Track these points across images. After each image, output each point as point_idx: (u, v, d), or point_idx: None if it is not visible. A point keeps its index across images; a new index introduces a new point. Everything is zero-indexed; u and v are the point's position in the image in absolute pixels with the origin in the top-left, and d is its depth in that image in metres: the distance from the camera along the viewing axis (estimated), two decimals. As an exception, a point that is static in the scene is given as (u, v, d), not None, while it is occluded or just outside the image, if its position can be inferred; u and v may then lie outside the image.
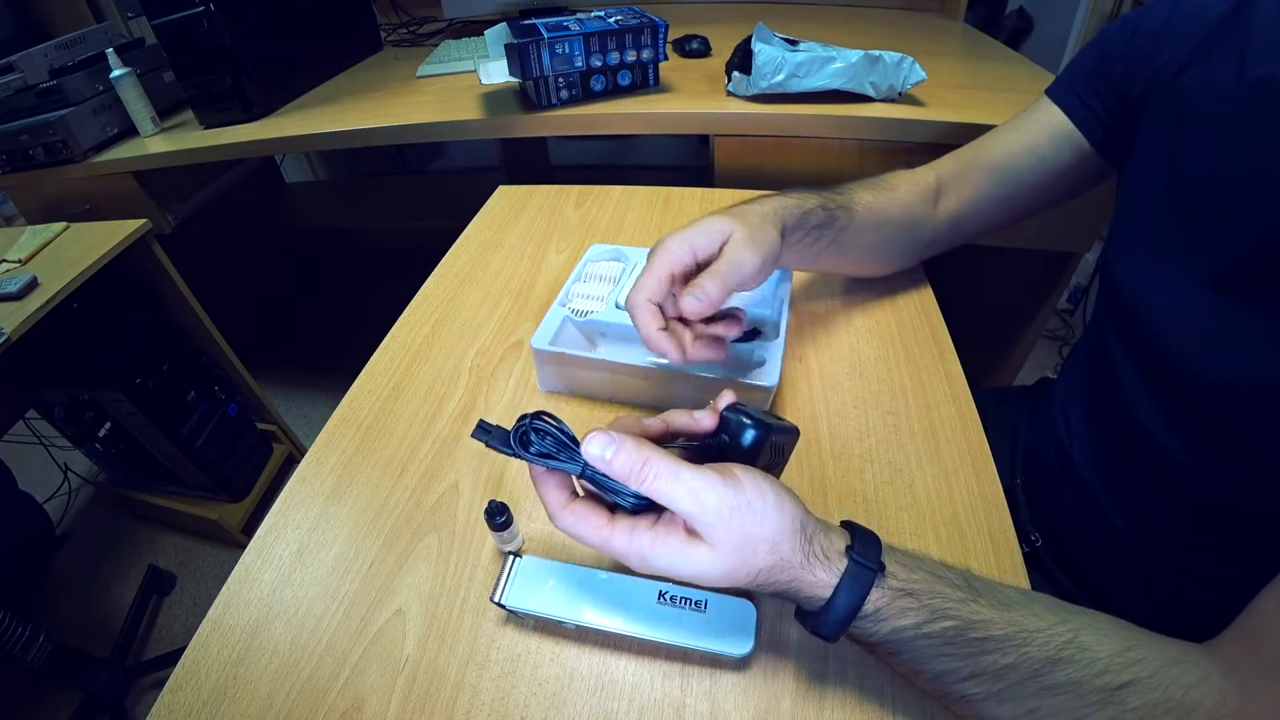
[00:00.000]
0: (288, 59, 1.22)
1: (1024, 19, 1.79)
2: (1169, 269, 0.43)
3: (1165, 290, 0.43)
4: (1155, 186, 0.45)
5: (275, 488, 1.47)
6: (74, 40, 1.24)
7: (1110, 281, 0.49)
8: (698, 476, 0.30)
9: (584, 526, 0.32)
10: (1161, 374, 0.45)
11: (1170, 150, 0.44)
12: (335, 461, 0.52)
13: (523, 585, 0.39)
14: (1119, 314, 0.48)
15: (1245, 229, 0.38)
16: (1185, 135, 0.43)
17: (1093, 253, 1.69)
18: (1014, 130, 0.56)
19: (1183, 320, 0.42)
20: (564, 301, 0.58)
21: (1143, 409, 0.46)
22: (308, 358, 1.94)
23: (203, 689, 0.39)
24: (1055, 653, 0.30)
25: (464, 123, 1.02)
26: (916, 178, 0.59)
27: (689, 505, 0.29)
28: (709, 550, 0.30)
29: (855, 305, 0.63)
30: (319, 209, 2.18)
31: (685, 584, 0.37)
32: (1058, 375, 0.63)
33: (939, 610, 0.31)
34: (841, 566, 0.31)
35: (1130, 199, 0.48)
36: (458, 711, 0.37)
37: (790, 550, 0.30)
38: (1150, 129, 0.46)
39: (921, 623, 0.30)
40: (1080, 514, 0.54)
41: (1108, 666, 0.30)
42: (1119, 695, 0.30)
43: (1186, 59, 0.43)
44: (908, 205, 0.57)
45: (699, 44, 1.15)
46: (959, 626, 0.30)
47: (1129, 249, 0.47)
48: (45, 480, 1.54)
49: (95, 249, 1.00)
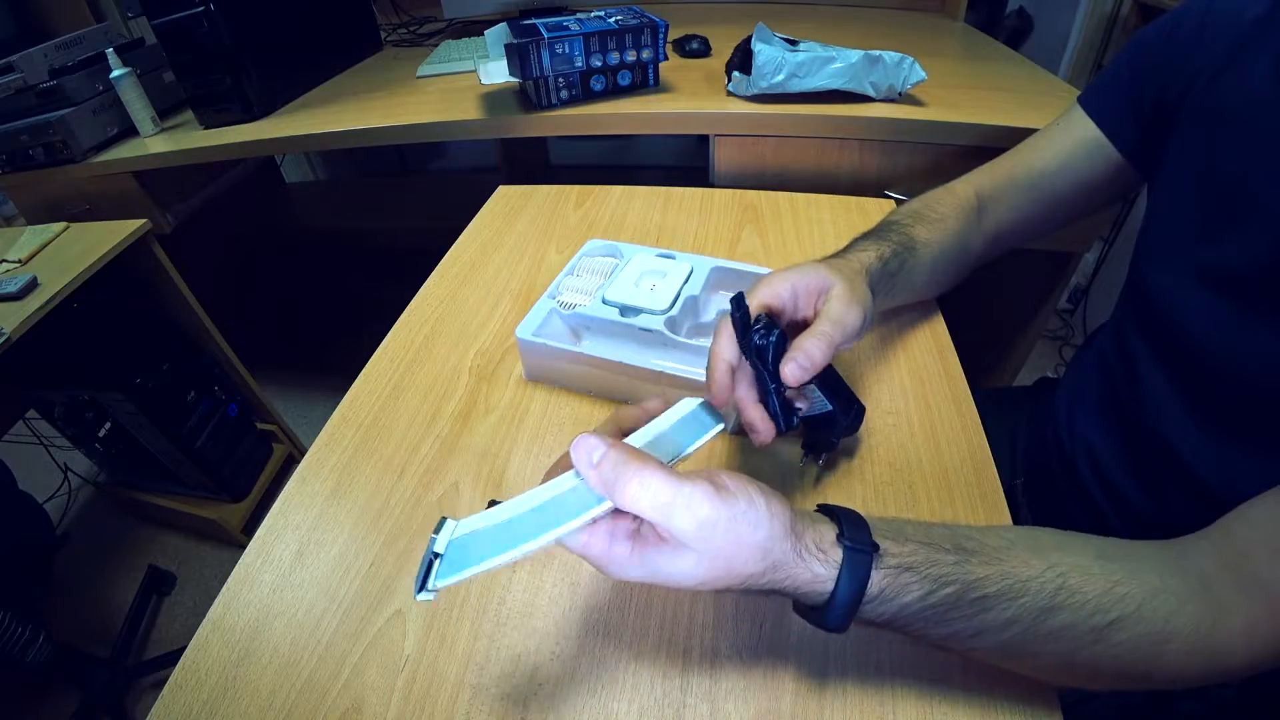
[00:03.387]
0: (288, 59, 1.22)
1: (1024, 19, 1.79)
2: (1199, 272, 0.43)
3: (1198, 295, 0.43)
4: (1189, 191, 0.44)
5: (275, 488, 1.47)
6: (74, 40, 1.24)
7: (1140, 287, 0.49)
8: (689, 489, 0.29)
9: None
10: (1191, 379, 0.44)
11: (1205, 154, 0.43)
12: (335, 461, 0.52)
13: (449, 562, 0.31)
14: (1148, 319, 0.48)
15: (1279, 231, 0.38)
16: (1220, 139, 0.42)
17: (1093, 253, 1.69)
18: (1048, 144, 0.56)
19: (1216, 324, 0.42)
20: (554, 294, 0.58)
21: (1165, 414, 0.46)
22: (308, 358, 1.94)
23: (203, 689, 0.39)
24: (1049, 600, 0.31)
25: (464, 123, 1.02)
26: (960, 200, 0.58)
27: (683, 524, 0.28)
28: (696, 560, 0.29)
29: (855, 305, 0.63)
30: (319, 209, 2.18)
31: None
32: (1062, 377, 0.63)
33: (939, 578, 0.31)
34: (837, 557, 0.31)
35: (1163, 204, 0.48)
36: (458, 711, 0.37)
37: (782, 552, 0.30)
38: (1185, 134, 0.45)
39: (925, 594, 0.31)
40: (1079, 514, 0.54)
41: (1097, 607, 0.31)
42: (1107, 633, 0.31)
43: (1222, 63, 0.42)
44: (960, 234, 0.57)
45: (699, 44, 1.15)
46: (959, 590, 0.31)
47: (1161, 254, 0.47)
48: (45, 480, 1.54)
49: (95, 249, 1.00)
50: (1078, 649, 0.32)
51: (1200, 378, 0.44)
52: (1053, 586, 0.32)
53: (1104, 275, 1.68)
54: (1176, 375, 0.46)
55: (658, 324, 0.52)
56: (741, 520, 0.29)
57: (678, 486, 0.29)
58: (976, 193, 0.59)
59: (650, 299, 0.54)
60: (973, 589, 0.31)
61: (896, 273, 0.51)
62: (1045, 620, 0.31)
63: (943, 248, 0.55)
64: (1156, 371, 0.47)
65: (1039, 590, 0.31)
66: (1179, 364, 0.46)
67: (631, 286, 0.56)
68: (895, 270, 0.51)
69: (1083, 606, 0.31)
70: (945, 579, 0.31)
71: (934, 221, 0.56)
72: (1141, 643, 0.31)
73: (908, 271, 0.52)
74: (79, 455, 1.40)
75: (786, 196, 0.80)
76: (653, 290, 0.55)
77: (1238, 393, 0.41)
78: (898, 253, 0.51)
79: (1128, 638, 0.31)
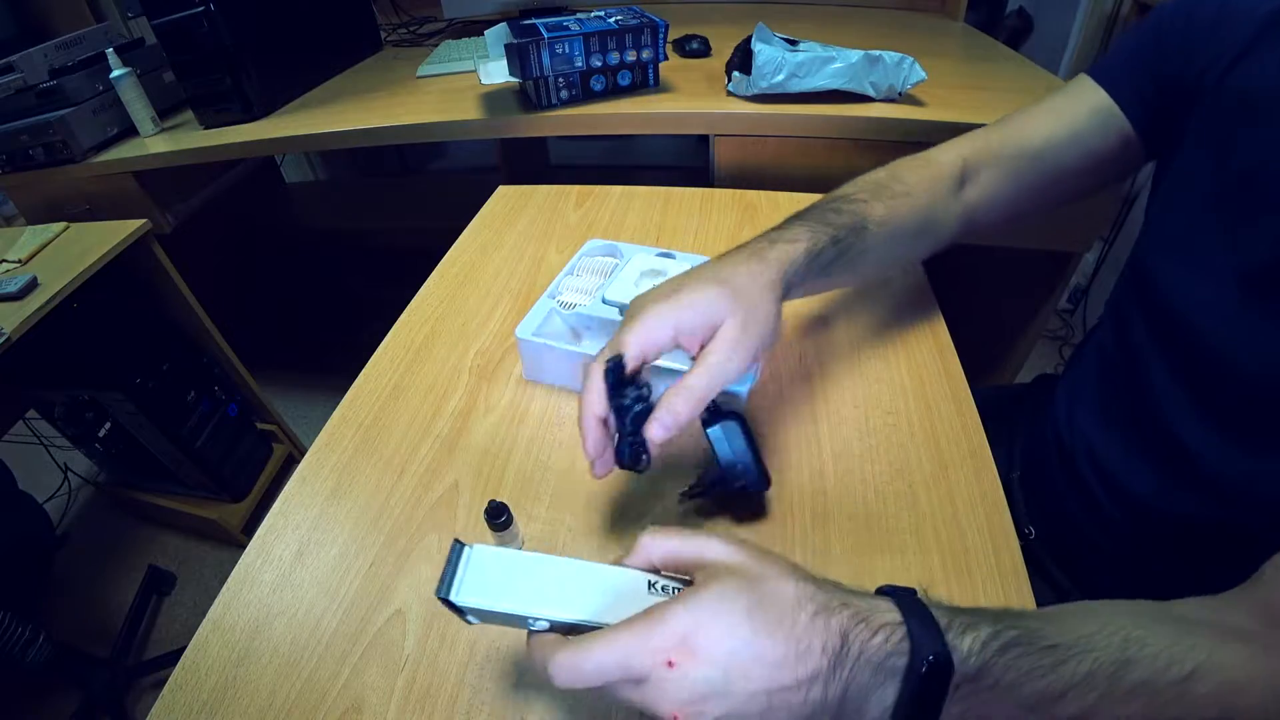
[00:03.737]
0: (288, 59, 1.22)
1: (1024, 19, 1.79)
2: (1210, 265, 0.43)
3: (1205, 286, 0.43)
4: (1202, 181, 0.44)
5: (275, 488, 1.47)
6: (74, 40, 1.24)
7: (1144, 276, 0.48)
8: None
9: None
10: (1196, 370, 0.44)
11: (1219, 145, 0.43)
12: (335, 461, 0.52)
13: (476, 579, 0.31)
14: (1152, 309, 0.48)
15: None
16: (1236, 131, 0.42)
17: (1093, 253, 1.69)
18: (1053, 112, 0.52)
19: (1222, 317, 0.42)
20: (554, 294, 0.58)
21: (1169, 405, 0.46)
22: (308, 358, 1.94)
23: (203, 689, 0.39)
24: (1120, 653, 0.29)
25: (464, 123, 1.02)
26: (934, 169, 0.53)
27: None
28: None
29: (855, 305, 0.63)
30: (319, 209, 2.18)
31: None
32: (1063, 374, 0.63)
33: (999, 617, 0.29)
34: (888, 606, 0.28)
35: (1173, 193, 0.47)
36: (458, 711, 0.37)
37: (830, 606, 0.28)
38: (1199, 122, 0.44)
39: (995, 632, 0.28)
40: (1077, 509, 0.54)
41: (1171, 659, 0.29)
42: (1187, 686, 0.29)
43: (1239, 53, 0.42)
44: (928, 208, 0.51)
45: (699, 44, 1.15)
46: (1025, 635, 0.28)
47: (1169, 244, 0.47)
48: (45, 480, 1.54)
49: (95, 249, 1.00)
50: (1162, 709, 0.29)
51: (1205, 369, 0.43)
52: (1119, 639, 0.29)
53: (1104, 275, 1.68)
54: (1179, 366, 0.46)
55: None
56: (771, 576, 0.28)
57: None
58: (963, 159, 0.53)
59: None
60: (1039, 637, 0.28)
61: (833, 261, 0.45)
62: (1123, 676, 0.28)
63: (903, 225, 0.50)
64: (1159, 363, 0.47)
65: (1106, 643, 0.29)
66: (1182, 355, 0.45)
67: (631, 286, 0.56)
68: (831, 260, 0.45)
69: (1156, 659, 0.29)
70: (1007, 622, 0.28)
71: (896, 196, 0.50)
72: (1224, 692, 0.29)
73: (851, 257, 0.47)
74: (79, 455, 1.40)
75: (786, 196, 0.80)
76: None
77: (1244, 386, 0.41)
78: (838, 239, 0.45)
79: (1210, 690, 0.29)
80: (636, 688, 0.27)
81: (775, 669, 0.26)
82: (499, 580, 0.31)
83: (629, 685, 0.27)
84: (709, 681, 0.26)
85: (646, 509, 0.47)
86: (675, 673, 0.26)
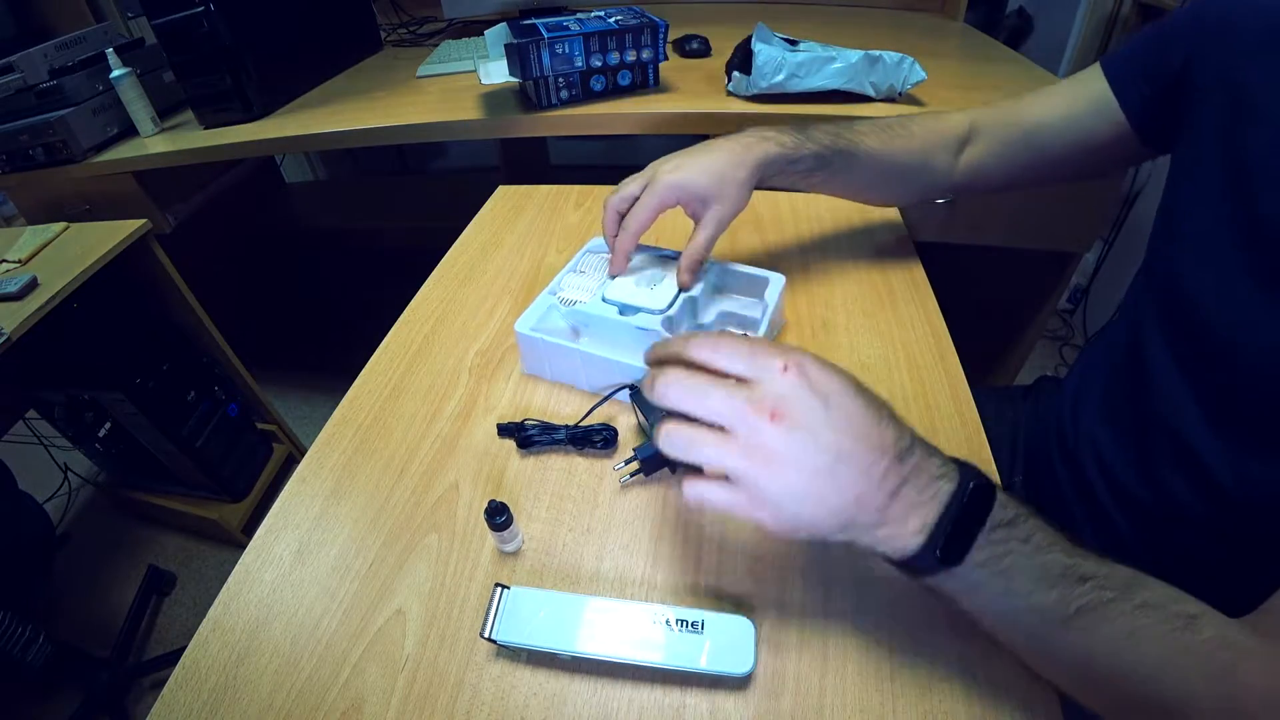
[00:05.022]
0: (288, 59, 1.22)
1: (1024, 19, 1.79)
2: (1224, 261, 0.43)
3: (1218, 282, 0.43)
4: (1213, 178, 0.44)
5: (275, 488, 1.47)
6: (74, 40, 1.24)
7: (1157, 270, 0.49)
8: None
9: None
10: (1206, 369, 0.44)
11: (1229, 142, 0.43)
12: (335, 461, 0.52)
13: (513, 617, 0.38)
14: (1164, 304, 0.48)
15: None
16: (1247, 130, 0.42)
17: (1093, 253, 1.69)
18: (1056, 95, 0.56)
19: (1236, 314, 0.42)
20: (555, 290, 0.58)
21: (1177, 404, 0.46)
22: (308, 358, 1.94)
23: (203, 689, 0.39)
24: (1131, 577, 0.31)
25: (464, 123, 1.02)
26: (943, 125, 0.60)
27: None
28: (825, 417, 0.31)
29: (855, 305, 0.63)
30: (319, 209, 2.18)
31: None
32: (1068, 375, 0.63)
33: (1038, 526, 0.32)
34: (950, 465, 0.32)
35: (1185, 189, 0.47)
36: (458, 711, 0.37)
37: (901, 430, 0.32)
38: (1210, 119, 0.45)
39: (1030, 532, 0.31)
40: (1080, 512, 0.54)
41: (1178, 596, 0.31)
42: (1195, 624, 0.31)
43: (1249, 53, 0.42)
44: (924, 152, 0.58)
45: (699, 44, 1.15)
46: (1058, 541, 0.32)
47: (1181, 239, 0.47)
48: (45, 480, 1.54)
49: (95, 249, 1.00)
50: (1173, 631, 0.31)
51: (1215, 366, 0.43)
52: (1128, 571, 0.32)
53: (1104, 275, 1.68)
54: (1189, 365, 0.45)
55: (655, 324, 0.52)
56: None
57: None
58: (971, 122, 0.60)
59: (650, 298, 0.54)
60: (1068, 552, 0.31)
61: (813, 171, 0.56)
62: (1136, 591, 0.31)
63: (894, 159, 0.58)
64: (1168, 361, 0.47)
65: (1115, 570, 0.32)
66: (1192, 351, 0.45)
67: (631, 285, 0.56)
68: (811, 169, 0.56)
69: (1165, 590, 0.31)
70: (1044, 528, 0.32)
71: (896, 135, 0.58)
72: (1224, 643, 0.30)
73: (833, 173, 0.57)
74: (79, 455, 1.40)
75: (786, 196, 0.80)
76: (652, 290, 0.55)
77: (1253, 383, 0.41)
78: (822, 155, 0.55)
79: (1213, 635, 0.30)
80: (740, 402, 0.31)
81: (864, 421, 0.31)
82: (531, 619, 0.38)
83: (728, 400, 0.31)
84: (812, 393, 0.30)
85: (648, 510, 0.47)
86: (786, 379, 0.31)
